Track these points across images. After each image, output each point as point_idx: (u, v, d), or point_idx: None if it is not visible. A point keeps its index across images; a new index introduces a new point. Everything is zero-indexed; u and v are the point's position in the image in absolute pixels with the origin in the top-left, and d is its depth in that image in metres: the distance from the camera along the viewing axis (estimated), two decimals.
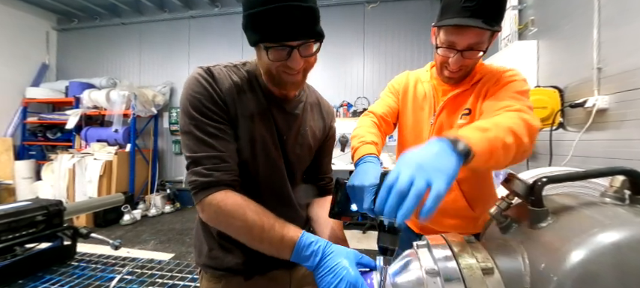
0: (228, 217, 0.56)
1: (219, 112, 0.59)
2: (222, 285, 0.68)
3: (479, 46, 0.71)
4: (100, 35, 5.13)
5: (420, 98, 0.87)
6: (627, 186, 0.39)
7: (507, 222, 0.43)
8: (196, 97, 0.58)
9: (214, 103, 0.59)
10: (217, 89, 0.60)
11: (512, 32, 2.26)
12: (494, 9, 0.67)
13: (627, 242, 0.30)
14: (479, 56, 0.74)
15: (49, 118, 4.54)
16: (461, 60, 0.73)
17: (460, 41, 0.71)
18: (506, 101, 0.66)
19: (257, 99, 0.65)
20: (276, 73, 0.60)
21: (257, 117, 0.64)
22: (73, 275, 0.99)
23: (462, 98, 0.79)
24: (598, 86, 1.49)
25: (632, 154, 1.31)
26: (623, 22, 1.37)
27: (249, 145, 0.63)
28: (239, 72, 0.65)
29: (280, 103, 0.67)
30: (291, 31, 0.54)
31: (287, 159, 0.69)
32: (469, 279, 0.33)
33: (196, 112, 0.58)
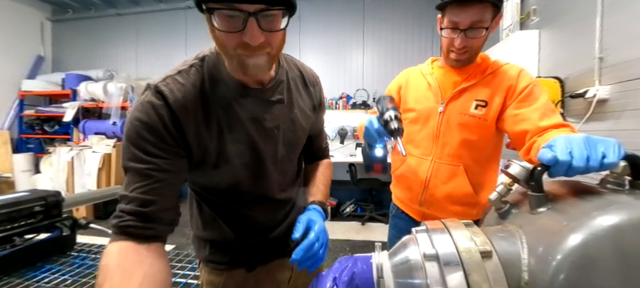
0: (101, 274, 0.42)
1: (163, 146, 0.48)
2: (225, 277, 0.67)
3: (481, 24, 0.75)
4: (96, 26, 5.06)
5: (424, 88, 0.92)
6: (627, 172, 0.39)
7: (507, 207, 0.43)
8: (136, 125, 0.48)
9: (158, 135, 0.48)
10: (166, 117, 0.48)
11: (514, 22, 2.23)
12: None
13: (627, 224, 0.30)
14: (482, 36, 0.77)
15: (47, 111, 4.51)
16: (465, 39, 0.77)
17: (463, 19, 0.75)
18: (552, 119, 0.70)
19: (232, 101, 0.53)
20: (235, 53, 0.47)
21: (237, 124, 0.54)
22: (73, 265, 1.00)
23: (474, 90, 0.84)
24: (599, 76, 1.48)
25: (633, 144, 1.31)
26: (625, 12, 1.36)
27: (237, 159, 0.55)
28: (198, 74, 0.52)
29: (256, 93, 0.56)
30: None
31: (278, 154, 0.61)
32: (467, 262, 0.33)
33: (133, 145, 0.48)
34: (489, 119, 0.82)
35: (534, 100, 0.75)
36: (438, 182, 0.88)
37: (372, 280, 0.40)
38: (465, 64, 0.86)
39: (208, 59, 0.55)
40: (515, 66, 0.84)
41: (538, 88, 0.78)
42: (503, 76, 0.82)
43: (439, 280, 0.34)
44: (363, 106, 4.13)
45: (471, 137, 0.84)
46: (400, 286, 0.38)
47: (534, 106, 0.74)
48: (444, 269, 0.34)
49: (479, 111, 0.82)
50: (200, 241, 0.69)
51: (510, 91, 0.79)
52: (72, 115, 4.16)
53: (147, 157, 0.48)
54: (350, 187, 3.99)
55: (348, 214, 3.89)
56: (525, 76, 0.81)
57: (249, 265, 0.68)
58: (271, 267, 0.70)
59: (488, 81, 0.83)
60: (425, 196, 0.91)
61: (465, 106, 0.84)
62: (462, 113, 0.84)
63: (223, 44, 0.47)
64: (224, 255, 0.67)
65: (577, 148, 0.42)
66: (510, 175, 0.43)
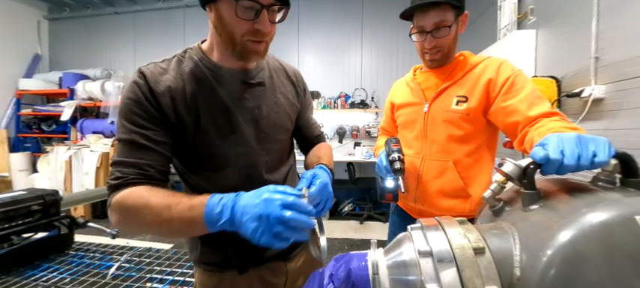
0: (131, 211, 0.50)
1: (148, 117, 0.55)
2: (217, 279, 0.67)
3: (444, 23, 0.81)
4: (93, 25, 5.03)
5: (409, 94, 0.98)
6: (618, 170, 0.40)
7: (500, 205, 0.44)
8: (125, 102, 0.56)
9: (143, 109, 0.55)
10: (148, 93, 0.55)
11: (511, 22, 2.24)
12: None
13: (615, 221, 0.30)
14: (448, 34, 0.83)
15: (44, 110, 4.48)
16: (433, 40, 0.84)
17: (427, 22, 0.82)
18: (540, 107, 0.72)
19: (207, 78, 0.60)
20: (241, 40, 0.54)
21: (209, 96, 0.59)
22: (72, 263, 1.00)
23: (454, 87, 0.88)
24: (595, 76, 1.49)
25: (627, 143, 1.32)
26: (621, 12, 1.37)
27: (215, 132, 0.59)
28: (183, 59, 0.61)
29: (239, 76, 0.62)
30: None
31: (262, 131, 0.64)
32: (461, 259, 0.34)
33: (124, 119, 0.55)
34: (471, 113, 0.85)
35: (519, 90, 0.77)
36: (429, 178, 0.91)
37: (367, 276, 0.41)
38: (441, 64, 0.90)
39: (190, 51, 0.63)
40: (495, 59, 0.86)
41: (521, 78, 0.80)
42: (484, 70, 0.84)
43: (433, 276, 0.35)
44: (361, 106, 4.14)
45: (457, 132, 0.87)
46: (395, 282, 0.39)
47: (521, 96, 0.76)
48: (438, 266, 0.34)
49: (459, 106, 0.86)
50: (193, 239, 0.68)
51: (492, 85, 0.82)
52: (69, 114, 4.14)
53: (137, 128, 0.55)
54: (348, 186, 4.00)
55: (346, 213, 3.90)
56: (506, 68, 0.82)
57: (240, 266, 0.66)
58: (265, 270, 0.69)
59: (468, 77, 0.86)
60: (418, 193, 0.94)
61: (446, 103, 0.88)
62: (444, 110, 0.88)
63: (231, 31, 0.54)
64: (215, 254, 0.65)
65: (568, 147, 0.43)
66: (504, 173, 0.44)
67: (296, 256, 0.73)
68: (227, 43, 0.57)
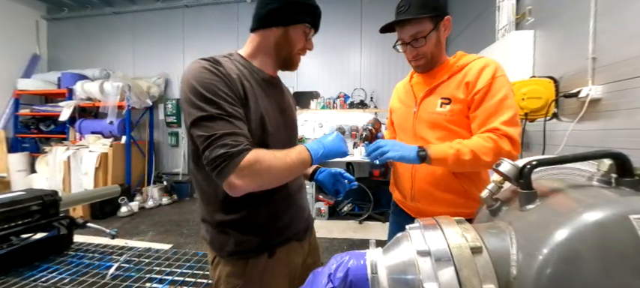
0: (267, 166, 0.63)
1: (233, 95, 0.64)
2: (250, 265, 0.72)
3: (421, 34, 0.87)
4: (92, 25, 5.02)
5: (404, 97, 1.04)
6: (614, 169, 0.40)
7: (497, 205, 0.44)
8: (210, 82, 0.62)
9: (227, 87, 0.64)
10: (226, 74, 0.65)
11: (510, 22, 2.25)
12: (418, 5, 0.85)
13: (610, 220, 0.31)
14: (428, 43, 0.88)
15: (42, 110, 4.47)
16: (413, 50, 0.90)
17: (404, 35, 0.89)
18: (491, 122, 0.81)
19: (256, 80, 0.74)
20: (295, 53, 0.77)
21: (259, 94, 0.72)
22: (71, 264, 1.00)
23: (440, 89, 0.92)
24: (592, 76, 1.50)
25: (624, 143, 1.33)
26: (618, 13, 1.38)
27: (259, 119, 0.71)
28: (233, 60, 0.73)
29: (270, 81, 0.79)
30: (319, 23, 0.79)
31: (288, 125, 0.82)
32: (458, 258, 0.34)
33: (213, 95, 0.61)
34: (455, 114, 0.88)
35: (488, 99, 0.82)
36: (422, 176, 0.95)
37: (365, 276, 0.41)
38: (427, 69, 0.94)
39: (234, 55, 0.76)
40: (480, 61, 0.88)
41: (497, 85, 0.82)
42: (467, 72, 0.87)
43: (432, 275, 0.35)
44: (360, 106, 4.14)
45: (442, 133, 0.90)
46: (394, 282, 0.39)
47: (483, 106, 0.83)
48: (436, 265, 0.35)
49: (443, 108, 0.89)
50: (223, 235, 0.72)
51: (469, 88, 0.85)
52: (68, 114, 4.13)
53: (228, 105, 0.63)
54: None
55: (346, 213, 3.90)
56: (487, 73, 0.84)
57: (271, 249, 0.75)
58: (289, 250, 0.79)
59: (453, 79, 0.89)
60: (414, 191, 0.97)
61: (432, 104, 0.91)
62: (429, 112, 0.92)
63: (292, 46, 0.76)
64: (251, 241, 0.73)
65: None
66: (501, 173, 0.44)
67: (307, 238, 0.87)
68: (283, 56, 0.77)
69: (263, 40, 0.75)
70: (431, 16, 0.85)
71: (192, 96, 0.61)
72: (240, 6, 4.56)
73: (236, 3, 4.56)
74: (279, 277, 0.76)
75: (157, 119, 4.81)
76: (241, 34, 4.58)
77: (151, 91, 4.42)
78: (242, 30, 4.58)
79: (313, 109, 4.20)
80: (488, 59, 0.88)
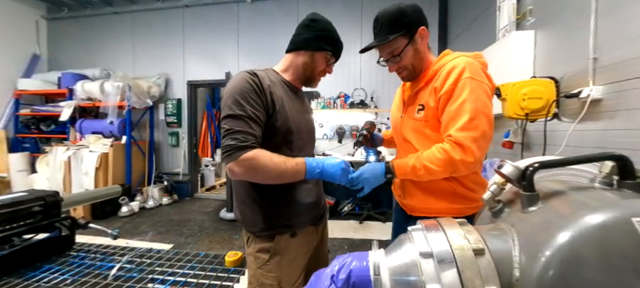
0: (261, 165, 0.79)
1: (260, 101, 0.82)
2: (275, 241, 0.89)
3: (394, 53, 0.93)
4: (92, 25, 5.02)
5: (398, 101, 1.10)
6: (616, 171, 0.40)
7: (499, 207, 0.44)
8: (245, 89, 0.81)
9: (257, 95, 0.82)
10: (260, 84, 0.83)
11: (510, 22, 2.25)
12: (390, 24, 0.90)
13: (612, 223, 0.31)
14: (404, 58, 0.92)
15: (43, 110, 4.47)
16: (393, 65, 0.97)
17: (383, 54, 0.97)
18: (448, 128, 0.83)
19: (284, 89, 0.92)
20: (318, 73, 0.96)
21: (286, 101, 0.89)
22: (73, 264, 1.00)
23: (418, 95, 0.95)
24: (593, 76, 1.50)
25: (624, 143, 1.33)
26: (619, 13, 1.38)
27: (285, 119, 0.87)
28: (268, 73, 0.91)
29: (296, 92, 0.98)
30: (340, 54, 1.01)
31: (309, 126, 0.99)
32: (461, 260, 0.34)
33: (243, 99, 0.79)
34: (429, 120, 0.90)
35: (451, 104, 0.82)
36: None
37: (368, 277, 0.41)
38: (413, 77, 0.98)
39: (270, 70, 0.95)
40: (450, 64, 0.86)
41: (459, 89, 0.81)
42: (438, 76, 0.87)
43: (434, 276, 0.35)
44: (360, 106, 4.14)
45: (421, 137, 0.94)
46: (397, 283, 0.39)
47: (445, 113, 0.84)
48: (439, 266, 0.35)
49: (419, 114, 0.93)
50: (254, 216, 0.90)
51: (436, 94, 0.86)
52: (68, 114, 4.13)
53: (252, 108, 0.80)
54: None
55: (346, 213, 3.90)
56: (451, 77, 0.83)
57: (293, 229, 0.91)
58: (306, 234, 0.95)
59: (428, 85, 0.91)
60: (405, 189, 1.00)
61: (413, 110, 0.95)
62: (411, 118, 0.96)
63: (315, 68, 0.96)
64: (277, 220, 0.90)
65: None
66: (503, 174, 0.44)
67: (323, 225, 1.06)
68: (307, 74, 0.96)
69: (294, 59, 0.95)
70: (401, 33, 0.89)
71: (229, 98, 0.81)
72: (240, 6, 4.56)
73: (236, 3, 4.56)
74: (299, 254, 0.93)
75: (158, 119, 4.81)
76: (241, 34, 4.58)
77: (151, 91, 4.42)
78: (242, 30, 4.57)
79: (313, 109, 4.20)
80: (461, 60, 0.86)
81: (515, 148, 2.06)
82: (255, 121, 0.80)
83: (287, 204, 0.91)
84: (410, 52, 0.92)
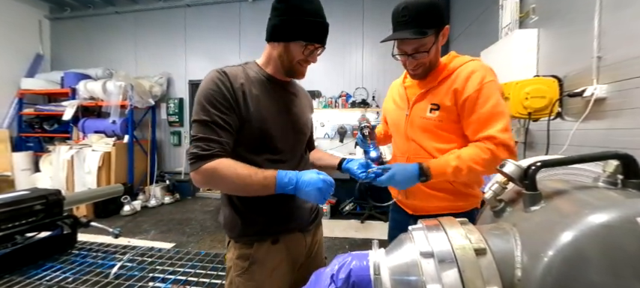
0: (222, 175, 0.72)
1: (227, 104, 0.75)
2: (254, 249, 0.81)
3: (423, 48, 0.86)
4: (94, 24, 5.04)
5: (398, 99, 1.05)
6: (620, 170, 0.39)
7: (501, 206, 0.44)
8: (210, 92, 0.74)
9: (224, 98, 0.74)
10: (229, 85, 0.76)
11: (513, 21, 2.23)
12: (424, 15, 0.83)
13: (616, 222, 0.30)
14: (429, 55, 0.88)
15: (46, 110, 4.50)
16: (414, 61, 0.90)
17: (406, 48, 0.88)
18: (487, 130, 0.83)
19: (264, 86, 0.83)
20: (296, 63, 0.82)
21: (264, 98, 0.81)
22: (74, 263, 1.01)
23: (429, 94, 0.93)
24: (597, 75, 1.48)
25: (629, 143, 1.32)
26: (624, 11, 1.36)
27: (260, 118, 0.79)
28: (245, 68, 0.84)
29: (281, 85, 0.88)
30: (323, 39, 0.82)
31: (296, 126, 0.89)
32: (462, 259, 0.34)
33: (208, 104, 0.73)
34: (444, 120, 0.89)
35: (479, 107, 0.84)
36: None
37: (368, 277, 0.41)
38: (423, 76, 0.94)
39: (250, 63, 0.87)
40: (468, 66, 0.88)
41: (486, 92, 0.83)
42: (456, 78, 0.87)
43: (435, 277, 0.35)
44: (362, 105, 4.13)
45: (432, 137, 0.92)
46: (397, 283, 0.39)
47: (474, 116, 0.85)
48: (440, 266, 0.35)
49: (433, 114, 0.90)
50: (233, 220, 0.83)
51: (457, 95, 0.86)
52: (71, 113, 4.15)
53: (218, 112, 0.74)
54: (349, 186, 4.00)
55: (347, 213, 3.90)
56: (475, 79, 0.84)
57: (274, 235, 0.83)
58: (290, 241, 0.86)
59: (442, 85, 0.90)
60: (409, 189, 0.97)
61: (423, 109, 0.93)
62: (420, 117, 0.93)
63: (291, 59, 0.81)
64: (254, 226, 0.82)
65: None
66: (505, 174, 0.44)
67: (311, 230, 0.93)
68: (286, 66, 0.83)
69: (271, 50, 0.85)
70: (436, 29, 0.85)
71: (196, 102, 0.76)
72: (242, 5, 4.56)
73: (238, 2, 4.56)
74: (283, 263, 0.84)
75: (160, 118, 4.83)
76: (243, 34, 4.58)
77: (153, 91, 4.43)
78: (244, 29, 4.57)
79: (315, 108, 4.19)
80: (477, 64, 0.88)
81: (518, 147, 2.04)
82: (221, 127, 0.74)
83: (267, 209, 0.81)
84: (434, 50, 0.89)
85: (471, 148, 0.83)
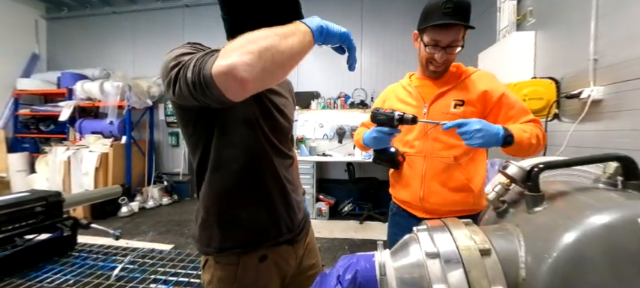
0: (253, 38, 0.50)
1: None
2: (241, 266, 0.69)
3: (457, 42, 0.91)
4: (92, 24, 5.01)
5: (406, 96, 1.05)
6: (620, 172, 0.40)
7: (504, 207, 0.45)
8: (188, 43, 0.61)
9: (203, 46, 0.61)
10: None
11: (511, 23, 2.26)
12: (466, 12, 0.89)
13: (617, 223, 0.31)
14: (457, 51, 0.93)
15: (42, 110, 4.46)
16: (445, 55, 0.92)
17: (444, 38, 0.90)
18: (529, 115, 0.91)
19: None
20: None
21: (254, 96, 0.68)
22: (75, 265, 1.00)
23: (451, 92, 0.97)
24: (594, 77, 1.50)
25: (625, 144, 1.34)
26: (620, 14, 1.38)
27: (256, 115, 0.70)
28: None
29: None
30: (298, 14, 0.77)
31: (289, 123, 0.81)
32: (467, 260, 0.35)
33: (190, 47, 0.59)
34: (468, 115, 0.93)
35: (513, 106, 0.92)
36: (433, 174, 0.97)
37: (374, 277, 0.41)
38: (440, 76, 1.00)
39: None
40: (484, 72, 0.99)
41: (508, 92, 0.94)
42: (478, 80, 0.97)
43: (441, 277, 0.35)
44: (361, 106, 4.15)
45: (453, 133, 0.91)
46: (403, 283, 0.39)
47: (515, 108, 0.93)
48: (445, 266, 0.35)
49: (457, 109, 0.95)
50: (210, 232, 0.69)
51: (488, 95, 0.94)
52: (68, 114, 4.12)
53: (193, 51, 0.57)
54: (348, 186, 4.01)
55: (346, 213, 3.91)
56: (497, 83, 0.96)
57: (261, 250, 0.71)
58: (279, 257, 0.74)
59: (463, 85, 0.97)
60: (424, 190, 0.98)
61: (445, 105, 0.96)
62: (443, 112, 0.96)
63: None
64: (237, 238, 0.69)
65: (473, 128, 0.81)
66: (508, 175, 0.45)
67: (301, 240, 0.81)
68: None
69: None
70: (467, 26, 0.91)
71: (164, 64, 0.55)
72: None
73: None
74: (271, 282, 0.73)
75: (158, 119, 4.81)
76: None
77: (151, 91, 4.41)
78: None
79: (314, 109, 4.20)
80: (486, 71, 1.01)
81: None
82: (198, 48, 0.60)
83: (251, 216, 0.70)
84: (458, 50, 0.94)
85: (526, 125, 0.88)
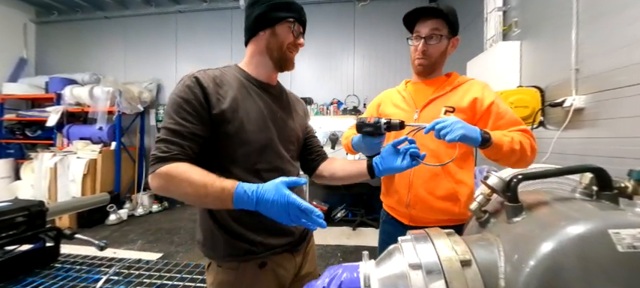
0: (175, 181, 0.64)
1: (195, 114, 0.69)
2: (239, 273, 0.74)
3: (438, 32, 0.94)
4: (82, 29, 4.94)
5: (400, 101, 1.07)
6: (595, 182, 0.42)
7: (486, 217, 0.46)
8: (178, 101, 0.69)
9: (193, 108, 0.69)
10: (199, 92, 0.70)
11: (497, 33, 2.32)
12: (447, 9, 0.93)
13: (590, 234, 0.32)
14: (440, 44, 0.96)
15: (28, 116, 4.34)
16: (425, 45, 0.96)
17: (422, 29, 0.96)
18: (519, 125, 0.90)
19: (244, 88, 0.77)
20: (286, 49, 0.78)
21: (244, 100, 0.75)
22: (57, 277, 0.97)
23: (441, 99, 0.98)
24: (576, 86, 1.56)
25: (605, 151, 1.38)
26: (599, 26, 1.44)
27: (239, 123, 0.73)
28: (224, 71, 0.78)
29: (265, 88, 0.82)
30: (304, 17, 0.81)
31: (282, 133, 0.81)
32: (448, 271, 0.35)
33: (175, 113, 0.69)
34: None
35: (503, 115, 0.92)
36: (421, 182, 0.97)
37: None
38: (428, 72, 1.01)
39: (229, 66, 0.81)
40: (478, 81, 1.00)
41: (499, 101, 0.94)
42: (469, 88, 0.97)
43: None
44: (353, 112, 4.17)
45: None
46: None
47: (506, 117, 0.92)
48: (427, 278, 0.36)
49: (447, 116, 0.92)
50: (214, 239, 0.75)
51: (478, 103, 0.94)
52: (56, 119, 4.02)
53: (184, 122, 0.69)
54: (341, 193, 4.01)
55: (339, 219, 3.90)
56: (488, 91, 0.95)
57: (261, 257, 0.75)
58: (278, 265, 0.78)
59: (455, 92, 0.98)
60: (410, 197, 0.98)
61: (435, 111, 0.95)
62: (434, 118, 0.92)
63: (282, 43, 0.78)
64: (241, 246, 0.74)
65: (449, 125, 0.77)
66: (489, 185, 0.46)
67: (302, 249, 0.85)
68: (276, 55, 0.78)
69: (256, 47, 0.80)
70: (450, 20, 0.94)
71: (167, 106, 0.72)
72: (234, 12, 4.57)
73: (230, 9, 4.57)
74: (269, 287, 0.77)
75: (149, 125, 4.73)
76: (235, 40, 4.58)
77: (142, 97, 4.35)
78: (236, 35, 4.58)
79: None
80: (479, 80, 1.01)
81: None
82: (184, 137, 0.68)
83: (255, 222, 0.73)
84: (443, 45, 0.97)
85: (515, 134, 0.86)
